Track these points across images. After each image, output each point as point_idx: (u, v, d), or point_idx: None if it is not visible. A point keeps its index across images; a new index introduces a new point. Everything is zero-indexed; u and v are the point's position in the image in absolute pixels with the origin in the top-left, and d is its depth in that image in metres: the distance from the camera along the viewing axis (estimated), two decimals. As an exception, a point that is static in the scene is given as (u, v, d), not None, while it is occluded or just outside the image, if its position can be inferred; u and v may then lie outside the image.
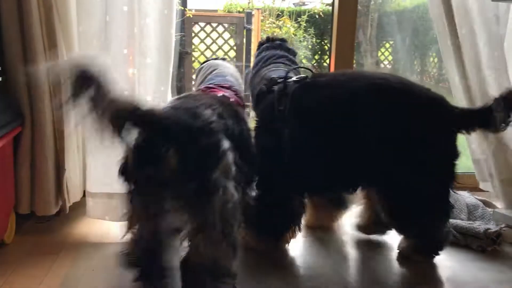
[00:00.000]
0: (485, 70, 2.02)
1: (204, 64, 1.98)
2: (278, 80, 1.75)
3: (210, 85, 1.71)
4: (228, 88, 1.73)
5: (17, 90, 1.76)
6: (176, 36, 2.16)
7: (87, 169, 1.90)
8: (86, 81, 1.11)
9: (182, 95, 1.41)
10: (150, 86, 1.94)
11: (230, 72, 1.89)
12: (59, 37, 1.78)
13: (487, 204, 2.10)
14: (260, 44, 2.07)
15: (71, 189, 1.90)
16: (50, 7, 1.73)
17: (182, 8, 4.43)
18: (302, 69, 1.89)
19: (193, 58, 4.31)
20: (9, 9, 1.70)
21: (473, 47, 2.02)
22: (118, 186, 1.81)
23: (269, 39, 2.07)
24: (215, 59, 2.02)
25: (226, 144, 1.25)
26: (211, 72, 1.86)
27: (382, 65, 4.79)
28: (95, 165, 1.88)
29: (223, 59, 2.04)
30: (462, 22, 2.01)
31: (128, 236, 1.35)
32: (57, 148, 1.83)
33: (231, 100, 1.60)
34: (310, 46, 5.64)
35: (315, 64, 5.25)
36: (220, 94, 1.61)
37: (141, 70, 1.88)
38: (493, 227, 1.83)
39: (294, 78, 1.73)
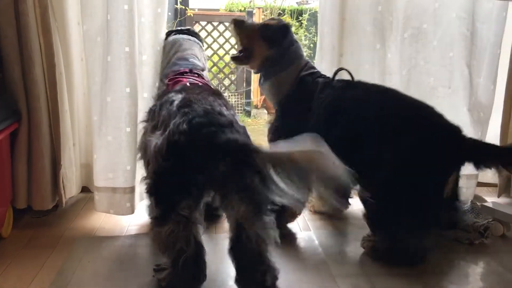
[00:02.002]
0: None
1: (169, 40, 2.00)
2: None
3: (176, 76, 1.80)
4: (190, 71, 1.82)
5: (14, 87, 1.80)
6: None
7: (94, 164, 1.95)
8: None
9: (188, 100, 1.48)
10: (146, 82, 1.98)
11: (192, 53, 1.94)
12: (55, 36, 1.82)
13: (476, 198, 2.13)
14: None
15: (67, 185, 1.95)
16: (45, 7, 1.77)
17: (183, 7, 4.47)
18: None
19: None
20: (5, 9, 1.74)
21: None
22: (121, 180, 1.89)
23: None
24: (178, 31, 2.05)
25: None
26: (175, 52, 1.92)
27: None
28: (100, 160, 1.92)
29: (188, 29, 2.07)
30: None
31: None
32: (53, 145, 1.87)
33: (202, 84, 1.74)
34: (312, 45, 5.66)
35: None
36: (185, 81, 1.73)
37: (138, 67, 1.93)
38: (480, 220, 1.86)
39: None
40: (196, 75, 1.81)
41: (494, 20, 1.98)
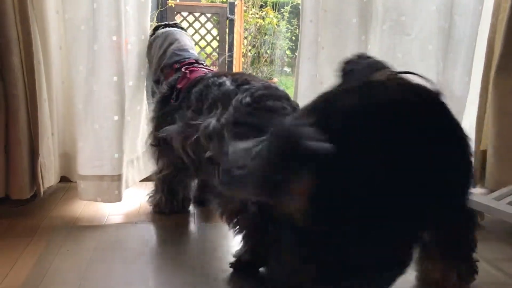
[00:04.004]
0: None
1: (159, 33, 2.03)
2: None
3: (186, 65, 1.87)
4: (196, 61, 1.91)
5: (-10, 76, 1.78)
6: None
7: (79, 153, 1.94)
8: None
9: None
10: (131, 72, 1.99)
11: (188, 44, 2.00)
12: (33, 25, 1.79)
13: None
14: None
15: (46, 174, 1.93)
16: (23, -5, 1.75)
17: (165, -3, 4.45)
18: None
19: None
20: (-18, -4, 1.72)
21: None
22: (109, 168, 1.91)
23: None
24: (166, 25, 2.08)
25: None
26: (170, 44, 1.96)
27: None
28: (86, 149, 1.92)
29: (175, 24, 2.11)
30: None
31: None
32: (31, 134, 1.85)
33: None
34: (293, 38, 5.68)
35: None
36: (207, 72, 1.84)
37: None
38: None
39: None
40: (203, 65, 1.91)
41: (471, 13, 2.02)
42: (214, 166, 1.54)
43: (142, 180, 2.22)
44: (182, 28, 2.13)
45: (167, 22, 2.12)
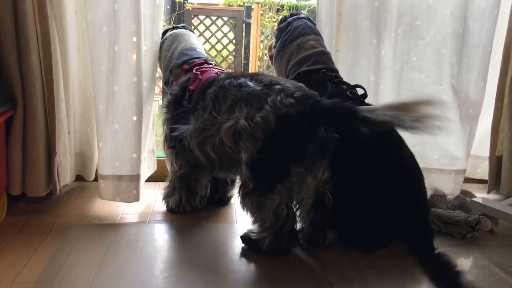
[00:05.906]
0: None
1: (167, 35, 2.07)
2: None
3: (196, 65, 1.90)
4: (205, 61, 1.93)
5: (9, 75, 1.81)
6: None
7: (99, 153, 1.96)
8: None
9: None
10: (146, 72, 2.01)
11: (196, 43, 2.03)
12: (51, 25, 1.83)
13: (466, 193, 2.15)
14: (283, 19, 2.12)
15: (62, 172, 1.96)
16: (43, -5, 1.78)
17: (182, 0, 4.48)
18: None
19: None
20: (3, -4, 1.75)
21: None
22: (127, 168, 1.93)
23: (292, 15, 2.12)
24: (175, 28, 2.12)
25: None
26: (178, 44, 2.00)
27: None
28: (106, 149, 1.94)
29: (183, 26, 2.14)
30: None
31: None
32: (48, 132, 1.89)
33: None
34: (310, 41, 5.66)
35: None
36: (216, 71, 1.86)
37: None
38: (471, 215, 1.89)
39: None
40: (212, 65, 1.93)
41: (487, 18, 2.00)
42: (242, 163, 1.57)
43: (154, 181, 2.25)
44: (190, 30, 2.15)
45: (175, 25, 2.15)
